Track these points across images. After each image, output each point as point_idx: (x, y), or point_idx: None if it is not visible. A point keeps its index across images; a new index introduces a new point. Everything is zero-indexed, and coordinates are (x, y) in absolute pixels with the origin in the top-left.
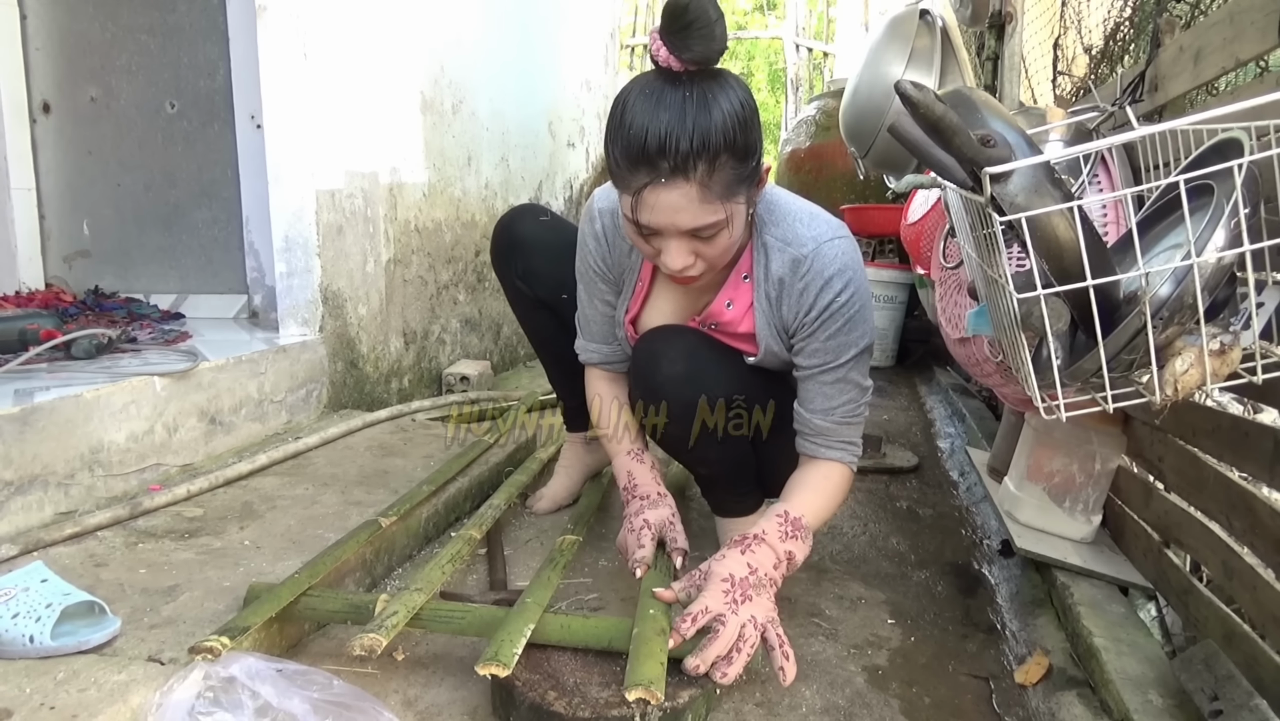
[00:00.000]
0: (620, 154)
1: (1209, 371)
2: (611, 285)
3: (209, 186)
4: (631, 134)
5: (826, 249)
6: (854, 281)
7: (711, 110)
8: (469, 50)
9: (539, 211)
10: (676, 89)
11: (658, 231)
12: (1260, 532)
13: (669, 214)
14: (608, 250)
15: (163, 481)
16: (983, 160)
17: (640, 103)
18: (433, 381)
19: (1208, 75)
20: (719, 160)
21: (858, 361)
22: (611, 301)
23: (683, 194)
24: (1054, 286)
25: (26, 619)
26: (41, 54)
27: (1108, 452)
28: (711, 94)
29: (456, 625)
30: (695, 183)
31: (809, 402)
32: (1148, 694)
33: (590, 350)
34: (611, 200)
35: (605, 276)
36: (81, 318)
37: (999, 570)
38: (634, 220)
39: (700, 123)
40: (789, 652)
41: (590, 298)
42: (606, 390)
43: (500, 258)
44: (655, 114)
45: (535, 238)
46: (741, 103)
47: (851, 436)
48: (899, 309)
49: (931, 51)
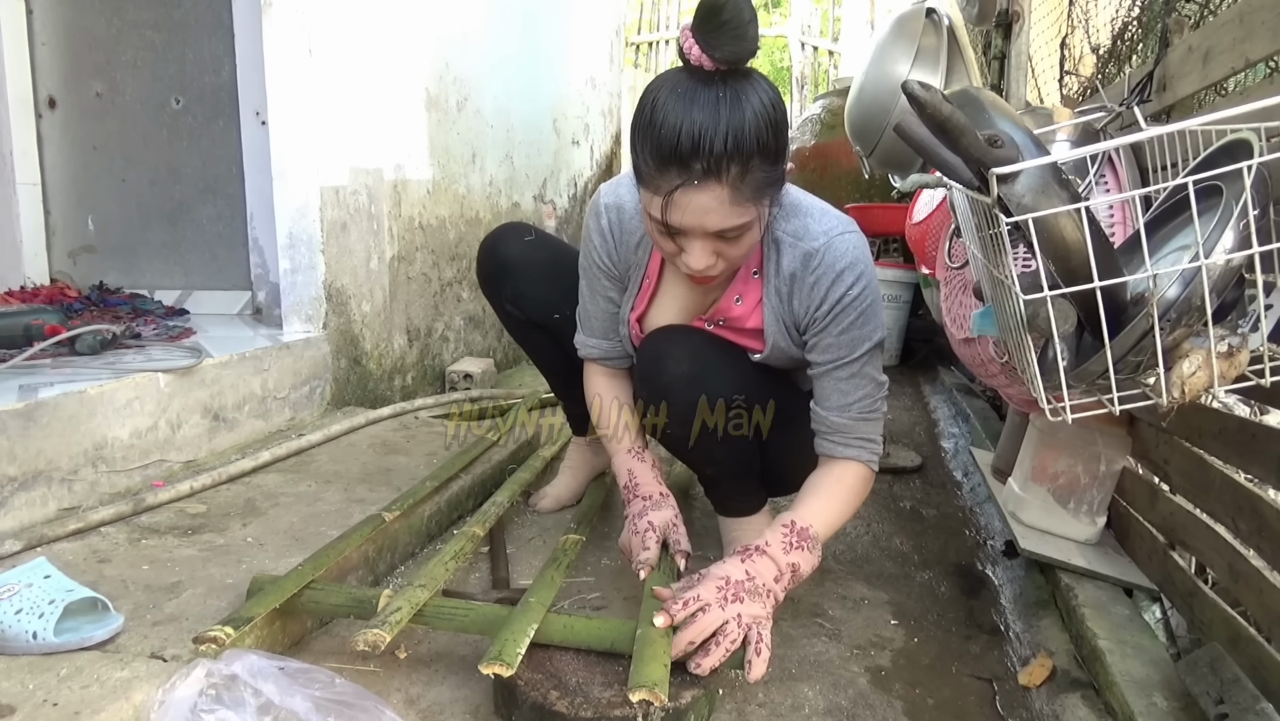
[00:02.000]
0: (650, 153)
1: (1216, 374)
2: (616, 282)
3: (213, 182)
4: (663, 133)
5: (838, 243)
6: (865, 275)
7: (745, 111)
8: (474, 47)
9: (524, 230)
10: (709, 88)
11: (683, 231)
12: (1267, 535)
13: (698, 216)
14: (614, 246)
15: (166, 478)
16: (990, 160)
17: (672, 101)
18: (436, 379)
19: (1217, 75)
20: (751, 162)
21: (872, 356)
22: (615, 298)
23: (714, 196)
24: (1060, 288)
25: (30, 615)
26: (47, 49)
27: (1113, 454)
28: (744, 94)
29: (459, 622)
30: (727, 185)
31: (825, 400)
32: (1152, 696)
33: (590, 345)
34: (618, 196)
35: (610, 273)
36: (86, 313)
37: (1003, 571)
38: (661, 221)
39: (734, 124)
40: (762, 650)
41: (593, 294)
42: (606, 388)
43: (488, 282)
44: (689, 113)
45: (522, 259)
46: (773, 104)
47: (869, 433)
48: (903, 308)
49: (938, 50)
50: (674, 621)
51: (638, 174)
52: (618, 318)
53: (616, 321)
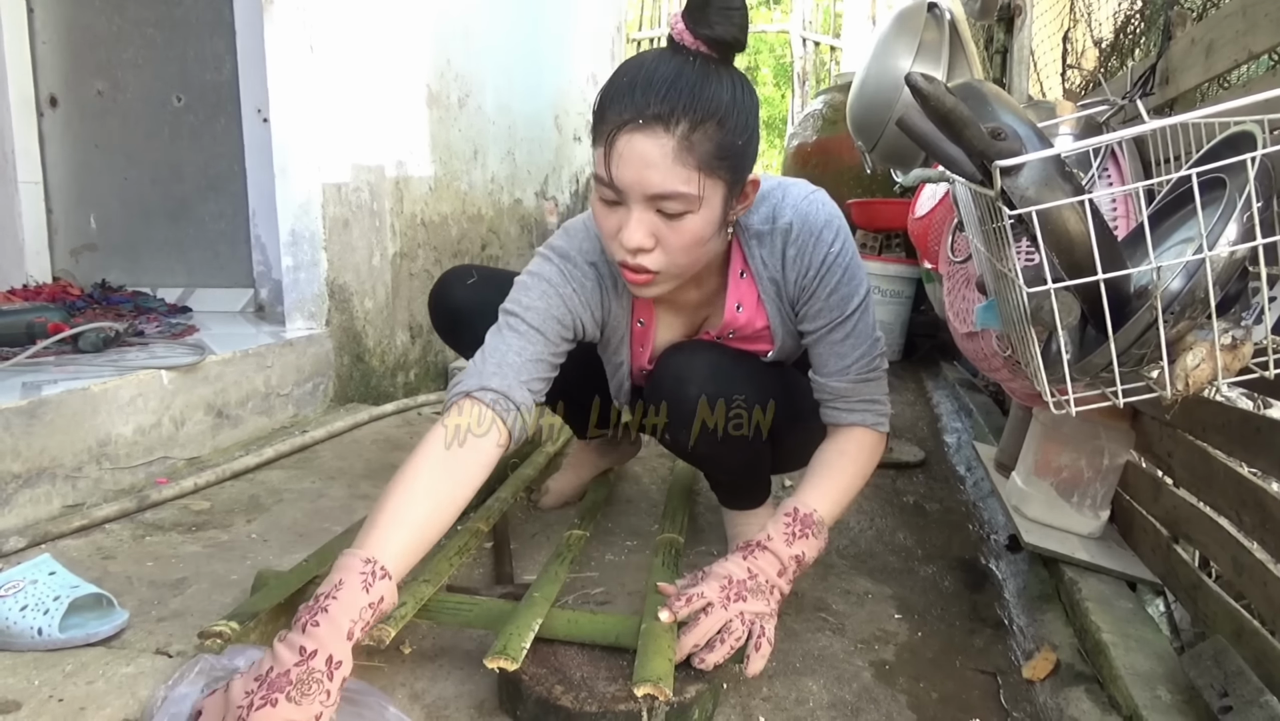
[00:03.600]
0: (602, 97)
1: (1220, 366)
2: (571, 327)
3: (215, 180)
4: (619, 79)
5: (805, 206)
6: (842, 230)
7: (709, 81)
8: (476, 44)
9: (465, 274)
10: (679, 56)
11: (622, 197)
12: (1271, 528)
13: (639, 167)
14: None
15: (170, 474)
16: (993, 153)
17: (637, 60)
18: (439, 375)
19: (1220, 68)
20: (704, 124)
21: (863, 312)
22: (562, 340)
23: (659, 145)
24: (1064, 280)
25: (35, 611)
26: (48, 48)
27: (1116, 448)
28: (714, 71)
29: (464, 617)
30: (674, 137)
31: (823, 367)
32: (1156, 689)
33: (488, 377)
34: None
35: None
36: (88, 311)
37: (1006, 565)
38: (603, 176)
39: (693, 83)
40: (762, 645)
41: (539, 335)
42: (420, 477)
43: (447, 334)
44: (652, 69)
45: (472, 305)
46: (744, 92)
47: (873, 394)
48: (906, 303)
49: (940, 45)
50: (677, 617)
51: (592, 134)
52: (541, 366)
53: (539, 371)
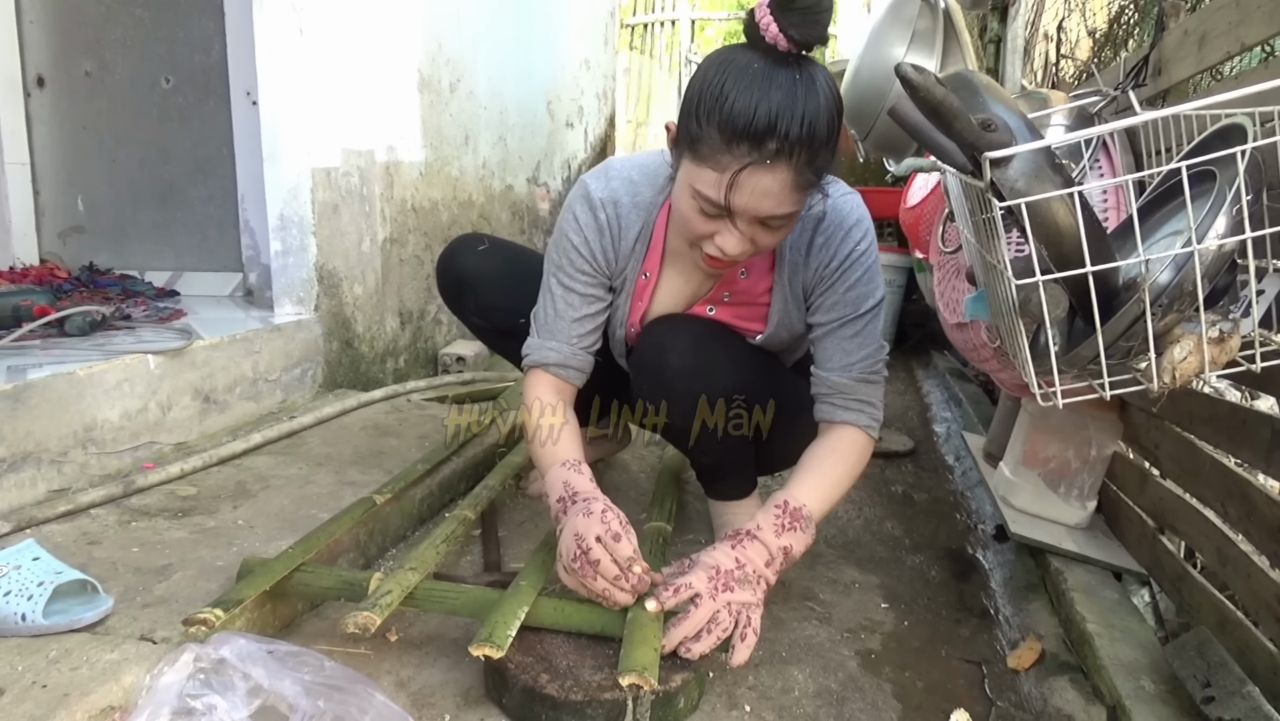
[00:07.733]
0: (719, 129)
1: (1208, 359)
2: (597, 281)
3: (204, 163)
4: (736, 110)
5: (841, 202)
6: (870, 233)
7: (819, 97)
8: (467, 28)
9: (477, 241)
10: (785, 69)
11: (733, 213)
12: (1255, 520)
13: (758, 198)
14: (611, 243)
15: (156, 460)
16: (983, 144)
17: (746, 79)
18: (429, 361)
19: (1212, 60)
20: (819, 151)
21: (875, 315)
22: (592, 297)
23: (779, 179)
24: (1053, 272)
25: (18, 597)
26: (36, 27)
27: (1104, 439)
28: (817, 80)
29: (450, 605)
30: (794, 170)
31: (827, 361)
32: (1140, 679)
33: (548, 350)
34: (612, 190)
35: (594, 272)
36: (76, 294)
37: (993, 555)
38: (718, 200)
39: (810, 109)
40: (748, 635)
41: (566, 292)
42: (548, 395)
43: (450, 298)
44: (767, 93)
45: (480, 270)
46: (837, 94)
47: (869, 396)
48: (897, 293)
49: (933, 34)
50: (664, 607)
51: (694, 148)
52: (587, 321)
53: (585, 326)
